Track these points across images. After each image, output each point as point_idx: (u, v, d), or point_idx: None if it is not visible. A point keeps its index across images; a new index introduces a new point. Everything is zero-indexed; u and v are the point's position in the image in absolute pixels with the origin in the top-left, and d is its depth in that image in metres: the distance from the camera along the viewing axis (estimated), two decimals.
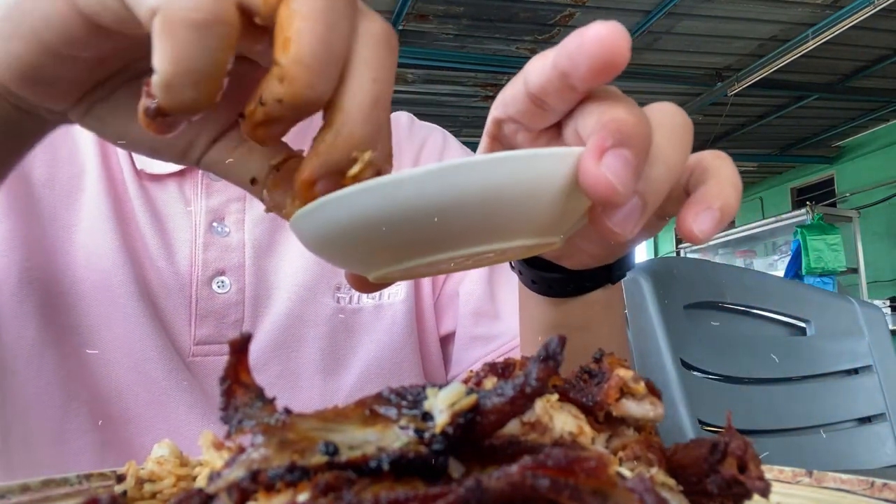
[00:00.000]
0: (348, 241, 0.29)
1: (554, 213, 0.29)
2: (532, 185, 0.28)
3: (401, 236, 0.28)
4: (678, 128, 0.33)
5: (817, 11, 4.42)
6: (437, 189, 0.27)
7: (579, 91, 0.32)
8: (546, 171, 0.28)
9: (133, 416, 0.62)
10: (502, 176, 0.27)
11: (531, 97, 0.34)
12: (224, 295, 0.65)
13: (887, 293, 6.30)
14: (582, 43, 0.30)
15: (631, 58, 0.30)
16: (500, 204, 0.28)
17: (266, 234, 0.67)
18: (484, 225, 0.28)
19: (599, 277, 0.49)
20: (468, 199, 0.27)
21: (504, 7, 4.15)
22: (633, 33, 4.49)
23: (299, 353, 0.66)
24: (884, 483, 0.34)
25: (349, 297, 0.69)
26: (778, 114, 6.30)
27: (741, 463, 0.26)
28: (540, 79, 0.32)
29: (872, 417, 1.32)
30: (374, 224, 0.27)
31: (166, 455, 0.35)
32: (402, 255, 0.30)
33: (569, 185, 0.28)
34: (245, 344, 0.26)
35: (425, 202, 0.27)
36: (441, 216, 0.27)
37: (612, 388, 0.29)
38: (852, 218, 6.44)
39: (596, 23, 0.30)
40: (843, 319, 1.37)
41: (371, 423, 0.23)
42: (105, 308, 0.62)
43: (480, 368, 0.32)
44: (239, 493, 0.21)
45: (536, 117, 0.35)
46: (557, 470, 0.19)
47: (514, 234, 0.30)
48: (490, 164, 0.27)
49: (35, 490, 0.32)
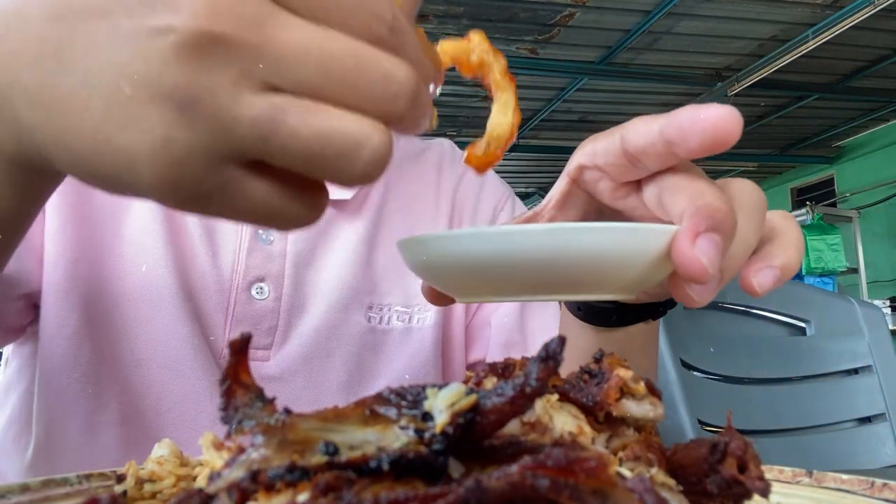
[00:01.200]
0: (452, 272, 0.34)
1: (640, 278, 0.34)
2: (629, 254, 0.32)
3: (506, 278, 0.32)
4: (756, 207, 0.37)
5: (817, 11, 4.42)
6: (549, 246, 0.31)
7: (680, 158, 0.35)
8: (644, 244, 0.32)
9: (163, 413, 0.63)
10: (606, 242, 0.31)
11: (627, 155, 0.37)
12: (262, 301, 0.66)
13: (887, 293, 6.29)
14: (697, 120, 0.33)
15: (631, 58, 0.31)
16: (596, 265, 0.32)
17: (307, 247, 0.68)
18: (577, 280, 0.33)
19: (644, 312, 0.51)
20: (571, 258, 0.31)
21: (504, 7, 4.15)
22: (633, 33, 4.49)
23: (326, 367, 0.67)
24: (884, 483, 0.34)
25: (380, 317, 0.70)
26: (778, 114, 6.30)
27: (741, 463, 0.26)
28: (643, 141, 0.36)
29: (872, 417, 1.32)
30: (487, 264, 0.32)
31: (166, 455, 0.35)
32: (500, 291, 0.34)
33: (660, 258, 0.33)
34: (245, 345, 0.26)
35: (538, 255, 0.31)
36: (546, 269, 0.32)
37: (612, 388, 0.29)
38: (852, 218, 6.43)
39: (714, 105, 0.33)
40: (843, 319, 1.37)
41: (371, 423, 0.23)
42: (146, 305, 0.63)
43: (481, 368, 0.32)
44: (239, 493, 0.21)
45: (625, 172, 0.38)
46: (557, 470, 0.19)
47: (600, 290, 0.34)
48: (598, 231, 0.31)
49: (35, 490, 0.32)
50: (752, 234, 0.36)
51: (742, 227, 0.35)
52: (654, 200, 0.37)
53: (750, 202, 0.36)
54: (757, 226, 0.36)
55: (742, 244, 0.35)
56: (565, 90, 5.47)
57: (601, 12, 4.21)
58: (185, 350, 0.63)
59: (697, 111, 0.33)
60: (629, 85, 5.36)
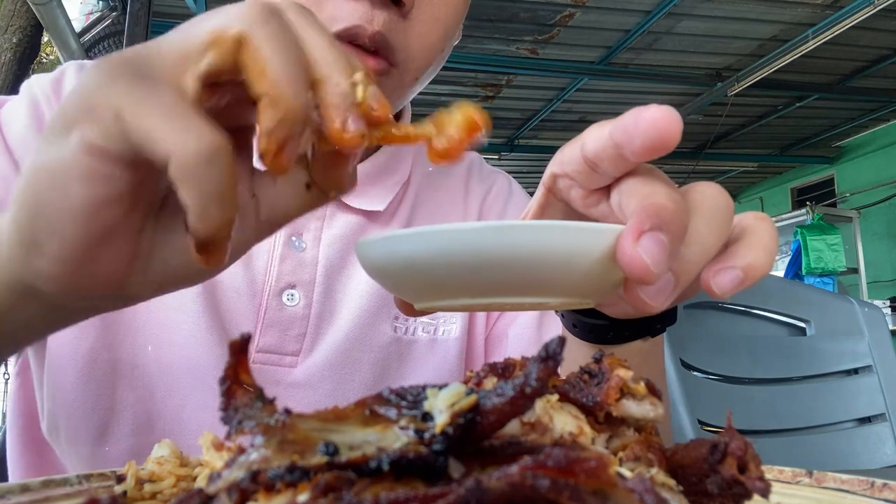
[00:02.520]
0: (403, 273, 0.33)
1: (589, 279, 0.33)
2: (572, 253, 0.32)
3: (450, 278, 0.32)
4: (718, 210, 0.36)
5: (817, 11, 4.42)
6: (489, 243, 0.31)
7: (630, 162, 0.35)
8: (587, 243, 0.32)
9: (184, 418, 0.63)
10: (548, 241, 0.31)
11: (586, 160, 0.37)
12: (292, 308, 0.66)
13: (887, 293, 6.30)
14: (637, 122, 0.33)
15: (631, 58, 0.31)
16: (541, 265, 0.31)
17: (338, 255, 0.68)
18: (525, 280, 0.32)
19: (639, 328, 0.50)
20: (515, 256, 0.31)
21: (504, 7, 4.15)
22: (632, 33, 4.49)
23: (352, 376, 0.67)
24: (884, 483, 0.34)
25: (406, 327, 0.70)
26: (778, 114, 6.30)
27: (741, 463, 0.26)
28: (595, 146, 0.36)
29: (872, 417, 1.32)
30: (428, 264, 0.32)
31: (166, 455, 0.35)
32: (449, 293, 0.34)
33: (606, 258, 0.32)
34: (245, 345, 0.26)
35: (478, 253, 0.31)
36: (489, 267, 0.31)
37: (612, 389, 0.29)
38: (852, 218, 6.44)
39: (653, 106, 0.33)
40: (843, 319, 1.37)
41: (371, 424, 0.23)
42: (172, 310, 0.63)
43: (481, 369, 0.32)
44: (239, 493, 0.21)
45: (590, 178, 0.38)
46: (557, 470, 0.19)
47: (550, 293, 0.33)
48: (539, 230, 0.31)
49: (35, 490, 0.32)
50: (712, 237, 0.35)
51: (698, 229, 0.34)
52: (618, 205, 0.37)
53: (711, 205, 0.36)
54: (718, 229, 0.35)
55: (698, 246, 0.34)
56: (565, 90, 5.47)
57: (601, 12, 4.21)
58: (209, 357, 0.63)
59: (639, 112, 0.33)
60: (629, 85, 5.36)
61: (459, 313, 0.71)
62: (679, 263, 0.33)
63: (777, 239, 0.37)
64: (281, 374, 0.65)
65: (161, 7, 3.91)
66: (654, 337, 0.51)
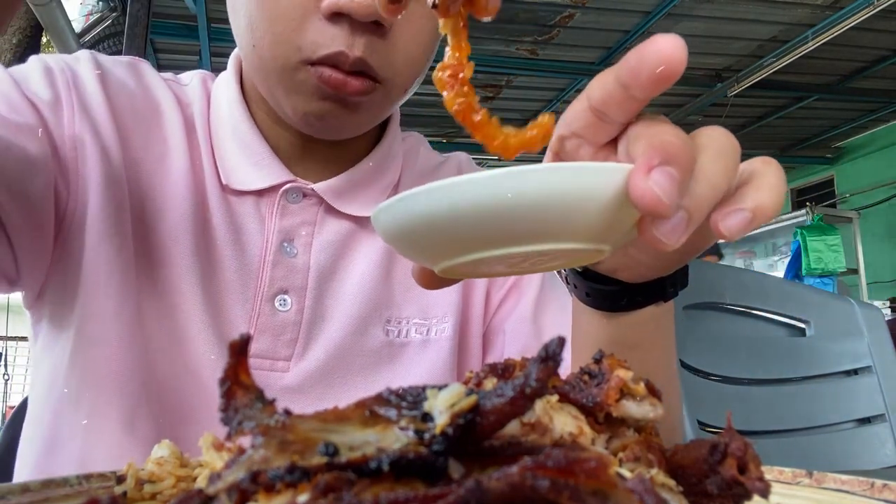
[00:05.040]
0: (420, 232, 0.33)
1: (603, 221, 0.33)
2: (584, 193, 0.32)
3: (465, 230, 0.32)
4: (724, 149, 0.36)
5: (817, 12, 4.42)
6: (500, 190, 0.31)
7: (639, 100, 0.35)
8: (596, 182, 0.32)
9: (187, 417, 0.63)
10: (556, 184, 0.31)
11: (594, 111, 0.37)
12: (284, 313, 0.66)
13: (887, 294, 6.30)
14: (643, 55, 0.33)
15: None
16: (553, 208, 0.31)
17: (330, 261, 0.69)
18: (538, 226, 0.32)
19: (653, 293, 0.50)
20: (525, 201, 0.31)
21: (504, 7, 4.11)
22: (632, 34, 4.50)
23: (344, 380, 0.67)
24: (884, 483, 0.34)
25: (398, 330, 0.70)
26: (778, 114, 6.30)
27: (741, 464, 0.26)
28: (602, 93, 0.36)
29: (872, 418, 1.32)
30: (443, 217, 0.32)
31: (166, 456, 0.35)
32: (465, 248, 0.34)
33: (617, 198, 0.32)
34: (244, 345, 0.26)
35: (489, 201, 0.31)
36: (501, 215, 0.31)
37: (612, 389, 0.29)
38: (852, 219, 6.43)
39: (657, 35, 0.33)
40: (843, 320, 1.37)
41: (371, 424, 0.23)
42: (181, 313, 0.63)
43: (480, 369, 0.32)
44: (239, 493, 0.21)
45: (598, 130, 0.39)
46: (557, 471, 0.19)
47: (565, 237, 0.33)
48: (546, 172, 0.31)
49: (35, 491, 0.32)
50: (719, 176, 0.35)
51: (706, 165, 0.34)
52: (625, 153, 0.37)
53: (717, 145, 0.36)
54: (725, 168, 0.35)
55: (706, 183, 0.34)
56: (565, 91, 5.47)
57: (601, 13, 4.22)
58: (205, 359, 0.63)
59: (643, 47, 0.33)
60: None
61: (451, 313, 0.71)
62: (690, 199, 0.33)
63: (785, 181, 0.38)
64: (273, 379, 0.65)
65: (161, 7, 3.92)
66: (667, 302, 0.51)
